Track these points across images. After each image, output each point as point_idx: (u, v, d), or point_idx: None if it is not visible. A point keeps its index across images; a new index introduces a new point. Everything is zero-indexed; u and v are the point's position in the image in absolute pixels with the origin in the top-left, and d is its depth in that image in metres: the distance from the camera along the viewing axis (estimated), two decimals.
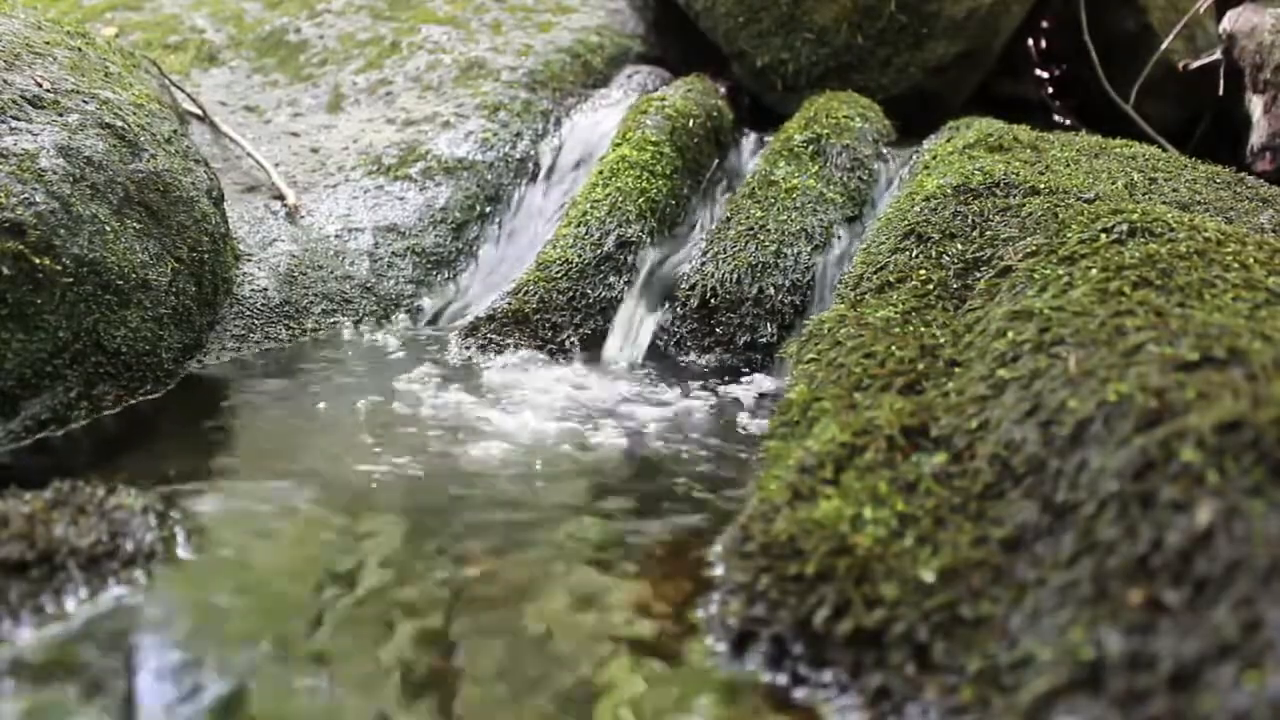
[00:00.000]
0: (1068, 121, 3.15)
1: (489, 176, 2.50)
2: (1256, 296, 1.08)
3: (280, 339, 1.98)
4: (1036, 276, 1.26)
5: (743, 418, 1.62)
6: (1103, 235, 1.29)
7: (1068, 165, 1.93)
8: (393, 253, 2.27)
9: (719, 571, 1.02)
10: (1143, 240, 1.25)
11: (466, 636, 0.94)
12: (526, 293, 2.02)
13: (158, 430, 1.53)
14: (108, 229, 1.57)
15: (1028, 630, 0.80)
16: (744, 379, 1.83)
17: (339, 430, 1.52)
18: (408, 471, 1.33)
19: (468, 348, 1.93)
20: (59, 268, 1.46)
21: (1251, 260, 1.18)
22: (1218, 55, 2.86)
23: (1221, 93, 2.84)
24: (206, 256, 1.83)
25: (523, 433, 1.50)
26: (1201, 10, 3.06)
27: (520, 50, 2.90)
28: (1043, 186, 1.71)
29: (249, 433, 1.53)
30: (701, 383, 1.80)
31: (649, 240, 2.17)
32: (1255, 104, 2.62)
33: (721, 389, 1.77)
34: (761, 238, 2.04)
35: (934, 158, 2.10)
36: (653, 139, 2.35)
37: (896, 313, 1.43)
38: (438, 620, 0.96)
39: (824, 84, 2.79)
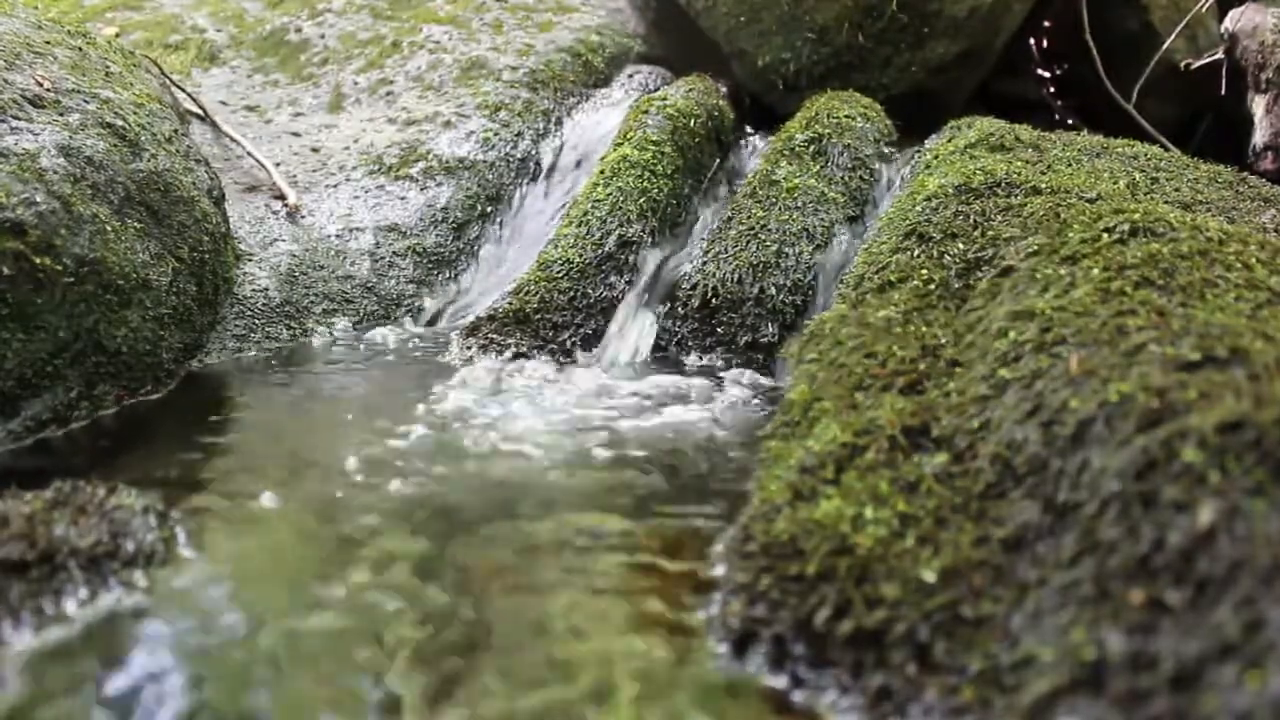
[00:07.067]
0: (1069, 121, 3.15)
1: (490, 176, 2.50)
2: (1258, 296, 1.08)
3: (281, 339, 1.98)
4: (1038, 276, 1.26)
5: (744, 418, 1.62)
6: (1104, 235, 1.29)
7: (1069, 165, 1.93)
8: (394, 252, 2.27)
9: (720, 572, 1.02)
10: (1145, 240, 1.25)
11: (467, 638, 0.94)
12: (527, 292, 2.02)
13: (158, 430, 1.53)
14: (108, 229, 1.57)
15: (1029, 630, 0.80)
16: (745, 379, 1.83)
17: (340, 430, 1.52)
18: (407, 472, 1.33)
19: (469, 348, 1.93)
20: (59, 267, 1.46)
21: (1254, 260, 1.18)
22: (1219, 55, 2.86)
23: (1224, 92, 2.84)
24: (207, 256, 1.83)
25: (522, 433, 1.50)
26: (1203, 10, 3.06)
27: (521, 50, 2.90)
28: (1044, 186, 1.70)
29: (250, 433, 1.53)
30: (703, 382, 1.80)
31: (650, 240, 2.17)
32: (1257, 103, 2.62)
33: (723, 389, 1.77)
34: (763, 237, 2.04)
35: (935, 157, 2.10)
36: (654, 139, 2.34)
37: (898, 312, 1.43)
38: (438, 622, 0.96)
39: (825, 83, 2.78)
